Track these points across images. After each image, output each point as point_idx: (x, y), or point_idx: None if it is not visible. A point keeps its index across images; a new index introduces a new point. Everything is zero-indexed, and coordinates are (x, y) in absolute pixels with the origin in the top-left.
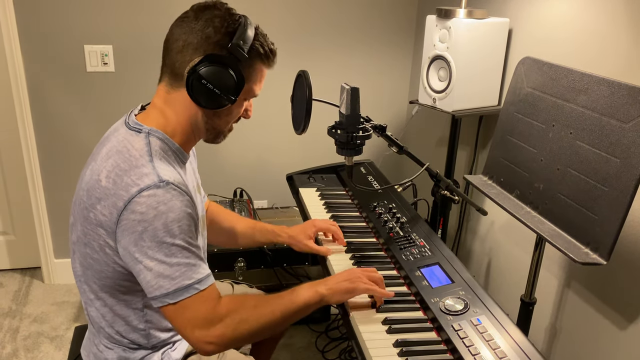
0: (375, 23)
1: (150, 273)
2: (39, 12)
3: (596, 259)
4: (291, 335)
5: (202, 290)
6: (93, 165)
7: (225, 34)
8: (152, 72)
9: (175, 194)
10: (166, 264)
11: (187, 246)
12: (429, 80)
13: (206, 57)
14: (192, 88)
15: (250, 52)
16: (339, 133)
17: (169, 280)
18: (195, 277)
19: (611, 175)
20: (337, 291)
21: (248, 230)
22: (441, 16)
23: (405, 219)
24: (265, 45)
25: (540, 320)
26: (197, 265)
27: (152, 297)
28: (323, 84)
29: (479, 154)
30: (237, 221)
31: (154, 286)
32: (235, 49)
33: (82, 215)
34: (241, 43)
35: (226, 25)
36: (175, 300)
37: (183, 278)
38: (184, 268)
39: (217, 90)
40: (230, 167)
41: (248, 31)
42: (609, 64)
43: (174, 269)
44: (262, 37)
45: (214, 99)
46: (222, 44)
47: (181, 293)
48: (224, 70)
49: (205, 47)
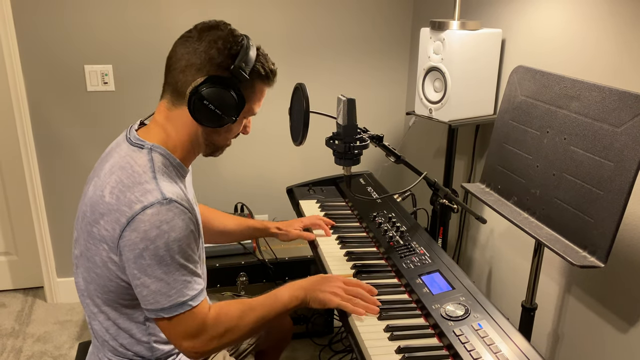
0: (371, 36)
1: (147, 289)
2: (40, 33)
3: (594, 262)
4: (295, 348)
5: (194, 306)
6: (96, 180)
7: (227, 56)
8: (152, 91)
9: (178, 212)
10: (164, 281)
11: (185, 264)
12: (425, 91)
13: (209, 78)
14: (193, 107)
15: (252, 73)
16: (337, 143)
17: (166, 297)
18: (190, 294)
19: (605, 179)
20: (313, 299)
21: (238, 227)
22: (435, 28)
23: (405, 228)
24: (266, 66)
25: (542, 326)
26: (192, 281)
27: (148, 310)
28: (320, 96)
29: (476, 162)
30: (227, 220)
31: (151, 301)
32: (238, 71)
33: (85, 230)
34: (243, 65)
35: (229, 47)
36: (170, 315)
37: (179, 295)
38: (181, 285)
39: (219, 111)
40: (230, 182)
41: (250, 53)
42: (599, 71)
43: (171, 287)
44: (263, 58)
45: (215, 118)
46: (224, 66)
47: (176, 309)
48: (226, 92)
49: (208, 68)
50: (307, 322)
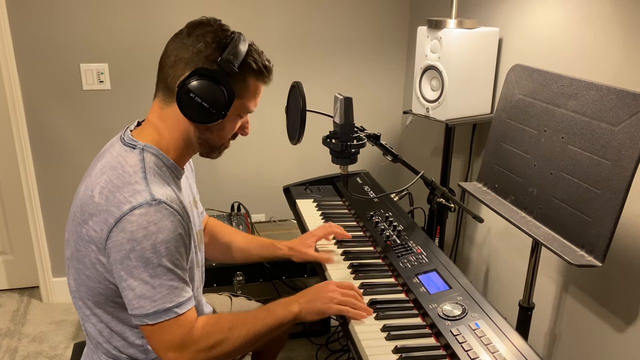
0: (368, 35)
1: (132, 292)
2: (35, 32)
3: (591, 261)
4: (292, 348)
5: (180, 314)
6: (88, 180)
7: (216, 49)
8: (148, 90)
9: (167, 213)
10: (149, 284)
11: (172, 268)
12: (422, 90)
13: (195, 70)
14: (181, 102)
15: (243, 67)
16: (334, 142)
17: (150, 301)
18: (176, 301)
19: (603, 178)
20: (309, 311)
21: (246, 245)
22: (432, 27)
23: (402, 227)
24: (259, 62)
25: (539, 325)
26: (179, 288)
27: (133, 315)
28: (317, 95)
29: (474, 161)
30: (235, 235)
31: (135, 305)
32: (226, 64)
33: (75, 231)
34: (232, 58)
35: (217, 40)
36: (153, 322)
37: (164, 301)
38: (166, 291)
39: (206, 104)
40: (227, 182)
41: (240, 46)
42: (597, 69)
43: (156, 291)
44: (256, 53)
45: (204, 113)
46: (212, 59)
47: (160, 315)
48: (214, 85)
49: (196, 62)
50: (304, 321)
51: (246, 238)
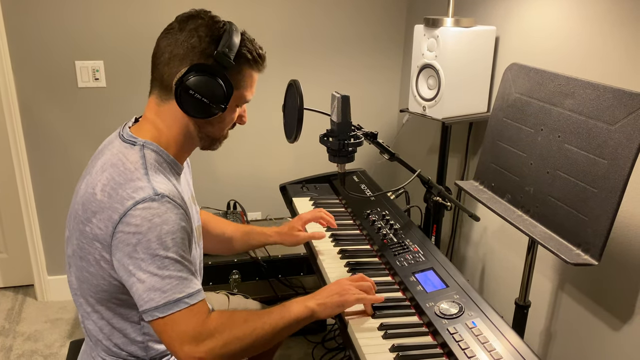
0: (364, 33)
1: (142, 285)
2: (30, 28)
3: (587, 260)
4: (288, 346)
5: (192, 304)
6: (88, 178)
7: (210, 43)
8: (143, 87)
9: (170, 207)
10: (158, 276)
11: (179, 259)
12: (419, 88)
13: (192, 67)
14: (181, 99)
15: (238, 59)
16: (331, 141)
17: (160, 293)
18: (186, 292)
19: (600, 177)
20: (327, 306)
21: (238, 234)
22: (429, 25)
23: (398, 226)
24: (253, 51)
25: (535, 324)
26: (188, 279)
27: (143, 311)
28: (314, 93)
29: (470, 160)
30: (227, 226)
31: (145, 299)
32: (221, 57)
33: (77, 229)
34: (227, 50)
35: (210, 33)
36: (164, 314)
37: (174, 292)
38: (176, 281)
39: (206, 100)
40: (223, 180)
41: (234, 37)
42: (593, 68)
43: (165, 282)
44: (249, 42)
45: (204, 108)
46: (207, 53)
47: (171, 307)
48: (212, 79)
49: (191, 57)
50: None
51: (237, 228)
